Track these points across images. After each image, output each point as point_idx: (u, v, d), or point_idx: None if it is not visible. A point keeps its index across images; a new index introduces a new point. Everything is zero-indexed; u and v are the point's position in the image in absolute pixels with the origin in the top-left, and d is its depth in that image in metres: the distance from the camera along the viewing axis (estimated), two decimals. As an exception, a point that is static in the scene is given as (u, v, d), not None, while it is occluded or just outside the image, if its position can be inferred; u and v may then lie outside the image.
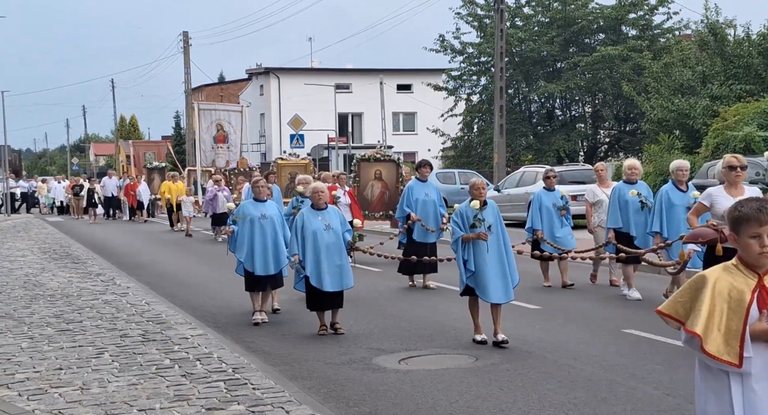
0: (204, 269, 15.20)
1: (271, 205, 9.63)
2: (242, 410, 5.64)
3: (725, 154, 8.89)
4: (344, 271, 8.55)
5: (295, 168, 21.70)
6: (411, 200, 11.89)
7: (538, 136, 36.38)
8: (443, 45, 37.17)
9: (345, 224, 8.75)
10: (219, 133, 30.13)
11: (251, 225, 9.36)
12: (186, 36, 45.87)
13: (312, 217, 8.56)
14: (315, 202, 8.68)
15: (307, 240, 8.43)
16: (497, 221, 7.99)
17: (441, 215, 11.96)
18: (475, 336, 8.11)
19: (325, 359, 7.57)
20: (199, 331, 8.51)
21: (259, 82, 54.18)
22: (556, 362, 7.24)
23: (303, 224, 8.48)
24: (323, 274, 8.40)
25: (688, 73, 26.08)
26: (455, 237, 7.93)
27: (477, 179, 8.27)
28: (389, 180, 17.77)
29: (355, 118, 52.73)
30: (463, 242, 7.89)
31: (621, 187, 10.53)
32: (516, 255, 8.49)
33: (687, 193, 9.59)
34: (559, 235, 11.43)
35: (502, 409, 5.89)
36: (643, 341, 8.02)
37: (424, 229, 11.80)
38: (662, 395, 6.13)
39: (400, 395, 6.31)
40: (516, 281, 8.05)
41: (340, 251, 8.55)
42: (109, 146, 69.28)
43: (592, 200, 11.52)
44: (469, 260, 7.88)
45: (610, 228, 10.44)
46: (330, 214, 8.67)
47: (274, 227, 9.42)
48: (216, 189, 20.91)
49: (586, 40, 36.85)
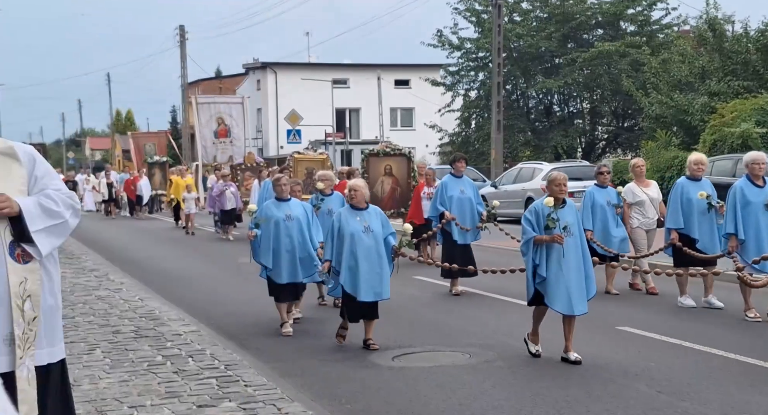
0: (200, 265, 15.18)
1: (297, 205, 8.74)
2: (233, 407, 5.61)
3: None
4: (383, 280, 7.66)
5: (312, 163, 20.23)
6: (445, 197, 10.94)
7: (536, 133, 36.36)
8: (441, 40, 37.11)
9: (388, 226, 7.86)
10: (220, 127, 28.70)
11: (276, 228, 8.49)
12: (182, 30, 45.79)
13: (350, 218, 7.70)
14: (352, 201, 7.81)
15: (344, 244, 7.59)
16: (576, 223, 7.17)
17: (479, 213, 11.02)
18: (530, 346, 7.31)
19: (319, 356, 7.54)
20: (192, 327, 8.47)
21: (256, 77, 54.06)
22: (550, 359, 7.21)
23: (340, 226, 7.65)
24: (359, 281, 7.55)
25: (687, 69, 26.06)
26: (526, 238, 7.09)
27: (557, 173, 7.31)
28: (400, 175, 16.66)
29: (352, 113, 52.64)
30: (534, 244, 7.06)
31: (684, 184, 9.58)
32: None
33: (764, 189, 8.76)
34: (615, 235, 10.33)
35: (495, 406, 5.87)
36: (638, 338, 7.99)
37: (460, 228, 10.86)
38: (655, 392, 6.11)
39: (393, 393, 6.28)
40: (592, 293, 7.16)
41: (380, 257, 7.64)
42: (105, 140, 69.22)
43: (632, 200, 10.58)
44: (540, 264, 7.03)
45: (670, 229, 9.53)
46: (370, 214, 7.76)
47: (300, 229, 8.51)
48: (223, 185, 20.06)
49: (585, 35, 36.82)
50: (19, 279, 3.37)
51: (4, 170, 3.47)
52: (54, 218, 3.48)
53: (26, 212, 3.39)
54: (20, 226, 3.39)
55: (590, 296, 7.14)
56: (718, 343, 7.62)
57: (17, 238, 3.40)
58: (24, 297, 3.37)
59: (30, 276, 3.41)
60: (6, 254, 3.38)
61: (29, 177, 3.52)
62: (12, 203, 3.37)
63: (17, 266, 3.38)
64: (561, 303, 7.00)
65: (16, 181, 3.47)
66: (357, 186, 7.83)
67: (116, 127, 67.24)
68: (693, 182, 9.60)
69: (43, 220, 3.44)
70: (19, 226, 3.39)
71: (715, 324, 8.67)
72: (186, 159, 39.48)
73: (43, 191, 3.52)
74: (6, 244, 3.39)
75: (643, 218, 10.58)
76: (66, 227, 3.55)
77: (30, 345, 3.40)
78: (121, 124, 70.29)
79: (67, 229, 3.56)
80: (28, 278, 3.40)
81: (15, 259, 3.39)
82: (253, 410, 5.53)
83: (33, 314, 3.40)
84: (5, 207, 3.36)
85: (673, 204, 9.54)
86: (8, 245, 3.39)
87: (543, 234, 7.01)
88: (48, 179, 3.58)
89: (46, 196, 3.49)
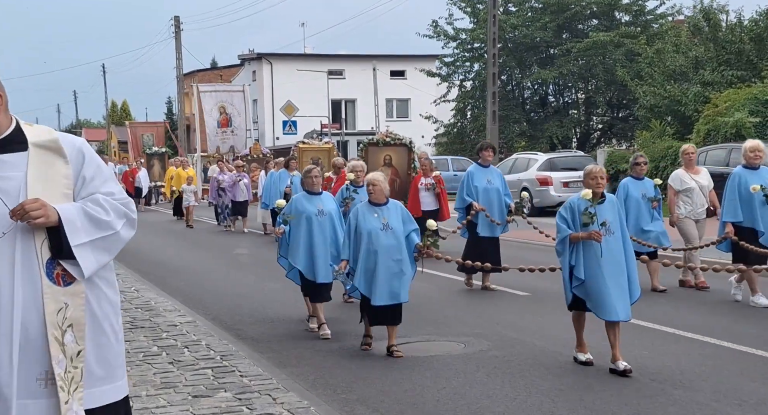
0: (198, 256, 15.19)
1: (328, 199, 8.25)
2: (229, 398, 5.65)
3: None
4: (402, 282, 7.07)
5: (318, 153, 19.50)
6: (471, 188, 10.36)
7: (531, 123, 36.37)
8: (436, 31, 37.06)
9: (410, 222, 7.27)
10: (222, 116, 27.78)
11: (308, 224, 7.88)
12: (177, 21, 45.57)
13: (368, 214, 7.15)
14: (370, 196, 7.26)
15: (361, 242, 7.07)
16: (617, 219, 6.53)
17: (507, 205, 10.40)
18: (578, 355, 6.73)
19: (314, 346, 7.57)
20: (188, 318, 8.50)
21: (252, 68, 53.95)
22: (544, 349, 7.26)
23: (357, 223, 7.13)
24: (376, 283, 7.00)
25: (681, 58, 26.08)
26: (561, 236, 6.51)
27: (594, 166, 6.71)
28: (400, 166, 15.69)
29: (348, 104, 52.59)
30: (570, 243, 6.47)
31: (741, 174, 8.93)
32: None
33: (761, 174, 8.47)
34: (649, 229, 9.68)
35: (489, 395, 5.91)
36: (630, 327, 8.02)
37: (488, 221, 10.26)
38: (647, 380, 6.17)
39: (389, 382, 6.32)
40: (636, 296, 6.52)
41: (400, 257, 7.09)
42: (100, 132, 68.99)
43: (679, 187, 9.98)
44: (577, 265, 6.43)
45: (726, 222, 8.91)
46: (389, 210, 7.19)
47: (333, 224, 7.96)
48: (237, 175, 19.53)
49: (580, 26, 36.80)
50: (58, 305, 2.72)
51: (45, 169, 2.80)
52: (102, 229, 2.83)
53: (66, 222, 2.73)
54: (59, 239, 2.74)
55: (633, 300, 6.51)
56: (710, 331, 7.68)
57: (56, 253, 2.74)
58: (64, 327, 2.73)
59: (72, 301, 2.75)
60: (42, 274, 2.72)
61: (76, 178, 2.86)
62: (48, 211, 2.71)
63: (56, 289, 2.72)
64: (604, 308, 6.39)
65: (58, 183, 2.81)
66: (377, 180, 7.23)
67: (112, 119, 67.06)
68: (751, 171, 8.95)
69: (88, 232, 2.79)
70: (58, 239, 2.74)
71: (707, 313, 8.73)
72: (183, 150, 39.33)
73: (91, 196, 2.86)
74: (43, 262, 2.74)
75: (692, 207, 9.97)
76: (117, 240, 2.89)
77: (77, 386, 2.75)
78: (116, 116, 70.08)
79: (118, 242, 2.90)
80: (70, 303, 2.74)
81: (53, 280, 2.73)
82: (248, 400, 5.57)
83: (77, 347, 2.76)
84: (40, 216, 2.69)
85: (730, 195, 8.87)
86: (45, 264, 2.74)
87: (579, 231, 6.43)
88: (99, 181, 2.91)
89: (93, 202, 2.84)
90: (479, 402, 5.77)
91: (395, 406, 5.74)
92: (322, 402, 5.68)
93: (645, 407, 5.56)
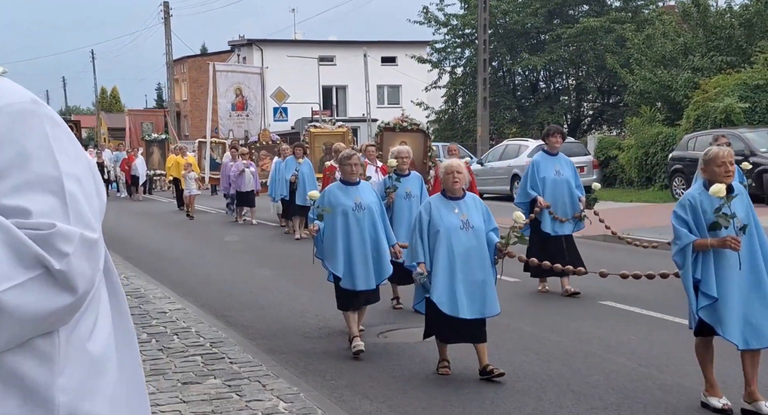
0: (190, 244, 15.17)
1: (367, 190, 7.03)
2: (218, 384, 5.67)
3: None
4: (487, 290, 5.96)
5: (331, 138, 17.48)
6: (537, 179, 8.92)
7: (522, 109, 36.37)
8: (427, 17, 36.96)
9: (490, 219, 6.12)
10: (238, 99, 25.63)
11: (344, 220, 6.74)
12: (167, 6, 45.32)
13: (443, 209, 6.02)
14: (447, 189, 6.11)
15: (439, 243, 5.90)
16: (750, 217, 5.11)
17: (578, 199, 9.02)
18: (710, 399, 5.24)
19: (304, 333, 7.60)
20: (178, 305, 8.51)
21: (242, 54, 53.74)
22: (533, 334, 7.31)
23: (430, 220, 5.98)
24: (458, 293, 5.86)
25: (670, 44, 26.09)
26: (682, 244, 5.02)
27: (721, 149, 5.17)
28: (415, 153, 14.35)
29: (339, 90, 52.47)
30: (694, 252, 5.02)
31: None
32: None
33: None
34: None
35: (478, 380, 5.95)
36: (620, 312, 8.10)
37: (552, 218, 8.91)
38: (635, 365, 6.22)
39: (377, 368, 6.35)
40: None
41: (483, 261, 5.97)
42: (90, 118, 68.63)
43: None
44: (705, 281, 5.01)
45: None
46: (468, 205, 6.06)
47: (373, 221, 6.80)
48: (243, 164, 18.16)
49: (570, 11, 36.75)
50: None
51: None
52: None
53: None
54: None
55: None
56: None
57: None
58: None
59: None
60: None
61: None
62: None
63: None
64: (735, 332, 5.05)
65: None
66: (459, 168, 6.06)
67: (101, 105, 66.72)
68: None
69: None
70: None
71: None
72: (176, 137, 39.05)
73: None
74: None
75: None
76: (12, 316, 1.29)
77: None
78: (106, 102, 69.74)
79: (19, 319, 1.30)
80: None
81: None
82: (238, 387, 5.59)
83: None
84: None
85: None
86: None
87: (707, 236, 5.00)
88: (13, 182, 1.35)
89: None
90: (468, 387, 5.81)
91: (384, 391, 5.77)
92: (312, 388, 5.71)
93: (632, 392, 5.61)
